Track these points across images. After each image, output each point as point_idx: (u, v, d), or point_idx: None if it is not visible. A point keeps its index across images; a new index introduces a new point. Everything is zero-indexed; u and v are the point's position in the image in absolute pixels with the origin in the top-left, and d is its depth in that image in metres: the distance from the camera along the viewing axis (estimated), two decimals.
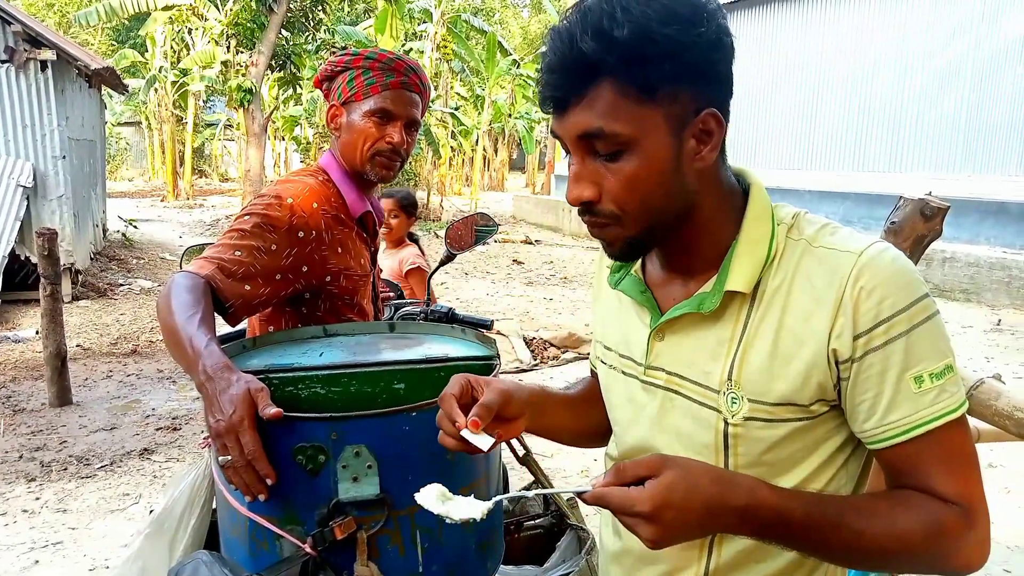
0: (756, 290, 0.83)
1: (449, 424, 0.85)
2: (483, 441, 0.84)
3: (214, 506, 1.31)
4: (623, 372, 0.96)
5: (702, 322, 0.85)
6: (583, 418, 1.08)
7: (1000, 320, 7.44)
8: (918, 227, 1.70)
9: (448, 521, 0.81)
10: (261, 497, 1.01)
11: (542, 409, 0.99)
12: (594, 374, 1.12)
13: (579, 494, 0.77)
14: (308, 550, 1.03)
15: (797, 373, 0.79)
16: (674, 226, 0.83)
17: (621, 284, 0.94)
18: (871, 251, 0.78)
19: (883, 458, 0.81)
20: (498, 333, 6.59)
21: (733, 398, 0.82)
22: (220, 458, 1.00)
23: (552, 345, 6.41)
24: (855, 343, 0.76)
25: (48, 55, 7.78)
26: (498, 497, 0.86)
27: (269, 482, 1.00)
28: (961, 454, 0.78)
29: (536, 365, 6.00)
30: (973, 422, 1.82)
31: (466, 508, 0.82)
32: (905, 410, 0.76)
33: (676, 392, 0.88)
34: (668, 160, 0.78)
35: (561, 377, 5.63)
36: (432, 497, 0.83)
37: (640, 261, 0.95)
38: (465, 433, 0.84)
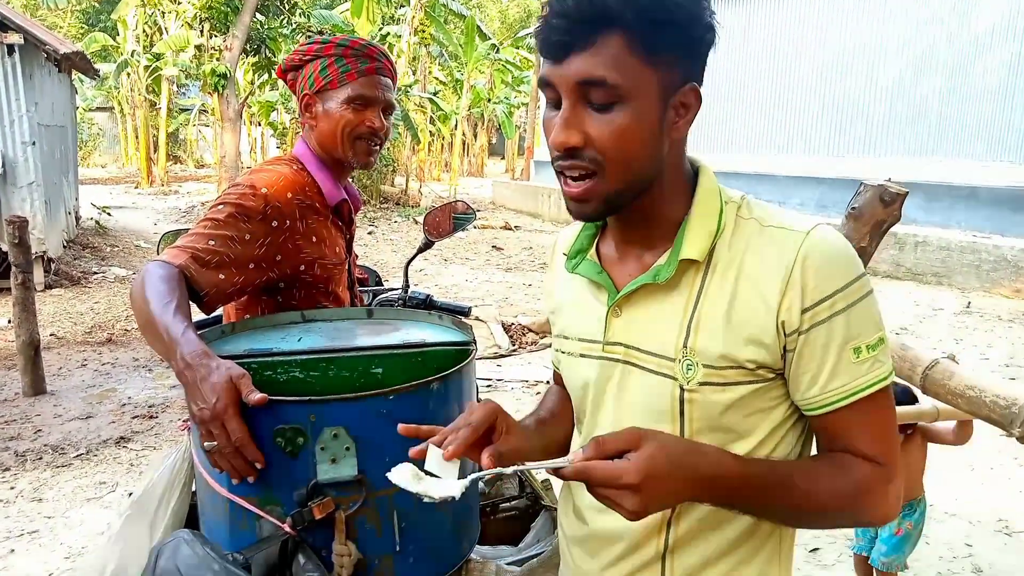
0: (709, 261, 0.88)
1: (437, 440, 0.84)
2: (440, 472, 0.82)
3: (194, 488, 1.33)
4: (581, 355, 0.98)
5: (658, 292, 0.89)
6: (562, 432, 1.10)
7: (970, 303, 7.61)
8: (877, 213, 1.76)
9: (426, 500, 0.80)
10: (249, 479, 1.04)
11: (532, 455, 0.98)
12: (558, 378, 1.13)
13: (557, 470, 0.77)
14: (287, 530, 1.06)
15: (748, 338, 0.84)
16: (641, 192, 0.87)
17: (578, 268, 0.97)
18: (817, 232, 0.84)
19: (819, 423, 0.88)
20: (476, 319, 6.61)
21: (688, 364, 0.87)
22: (206, 444, 1.02)
23: (531, 331, 6.45)
24: (803, 316, 0.82)
25: (15, 39, 7.59)
26: (474, 475, 0.84)
27: (258, 466, 1.02)
28: (884, 417, 0.87)
29: (514, 350, 6.04)
30: (932, 402, 1.88)
31: (444, 486, 0.81)
32: (844, 378, 0.83)
33: (633, 364, 0.92)
34: (653, 122, 0.82)
35: (539, 362, 5.68)
36: (407, 476, 0.82)
37: (595, 246, 0.98)
38: (431, 463, 0.83)
